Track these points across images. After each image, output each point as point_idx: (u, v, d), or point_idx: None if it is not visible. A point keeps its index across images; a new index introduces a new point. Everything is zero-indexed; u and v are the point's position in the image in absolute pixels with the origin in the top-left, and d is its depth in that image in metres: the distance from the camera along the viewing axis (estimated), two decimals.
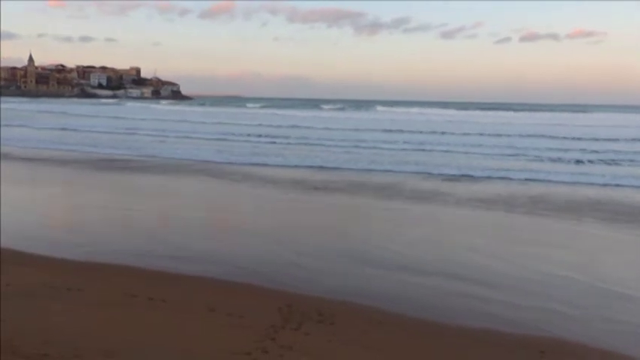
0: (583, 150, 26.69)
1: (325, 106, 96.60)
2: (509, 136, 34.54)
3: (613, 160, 23.52)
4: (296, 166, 21.08)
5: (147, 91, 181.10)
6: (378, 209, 13.63)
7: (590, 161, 23.12)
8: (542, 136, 34.33)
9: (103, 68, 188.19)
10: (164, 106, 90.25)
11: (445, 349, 5.62)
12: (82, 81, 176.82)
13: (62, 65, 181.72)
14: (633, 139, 32.49)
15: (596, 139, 32.07)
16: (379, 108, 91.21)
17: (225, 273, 8.02)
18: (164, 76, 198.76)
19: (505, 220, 12.53)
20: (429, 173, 19.67)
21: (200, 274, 7.95)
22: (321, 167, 20.91)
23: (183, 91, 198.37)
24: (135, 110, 69.39)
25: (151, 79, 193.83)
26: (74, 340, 5.35)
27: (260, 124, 43.26)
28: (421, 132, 36.93)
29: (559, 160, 23.78)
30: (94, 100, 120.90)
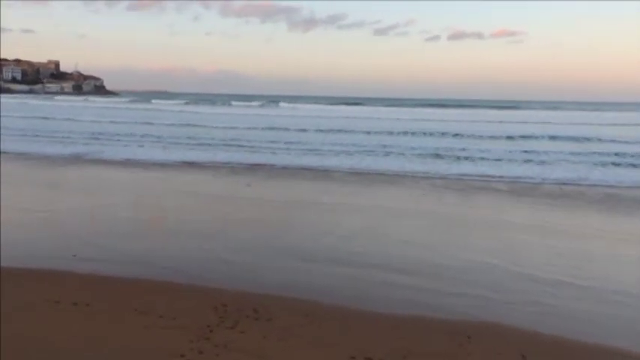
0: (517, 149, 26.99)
1: (235, 103, 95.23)
2: (421, 134, 34.47)
3: (542, 159, 23.90)
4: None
5: (67, 85, 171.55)
6: (306, 204, 13.71)
7: (497, 159, 23.55)
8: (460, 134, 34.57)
9: (17, 61, 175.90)
10: (54, 102, 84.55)
11: (378, 337, 5.76)
12: None
13: None
14: (554, 137, 33.20)
15: (523, 137, 33.12)
16: (282, 104, 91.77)
17: (156, 274, 7.75)
18: (88, 70, 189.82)
19: (429, 213, 13.01)
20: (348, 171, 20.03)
21: (128, 275, 7.64)
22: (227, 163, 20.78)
23: (109, 85, 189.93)
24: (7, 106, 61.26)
25: (71, 74, 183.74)
26: None
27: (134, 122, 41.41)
28: (322, 130, 35.97)
29: (481, 158, 24.11)
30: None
